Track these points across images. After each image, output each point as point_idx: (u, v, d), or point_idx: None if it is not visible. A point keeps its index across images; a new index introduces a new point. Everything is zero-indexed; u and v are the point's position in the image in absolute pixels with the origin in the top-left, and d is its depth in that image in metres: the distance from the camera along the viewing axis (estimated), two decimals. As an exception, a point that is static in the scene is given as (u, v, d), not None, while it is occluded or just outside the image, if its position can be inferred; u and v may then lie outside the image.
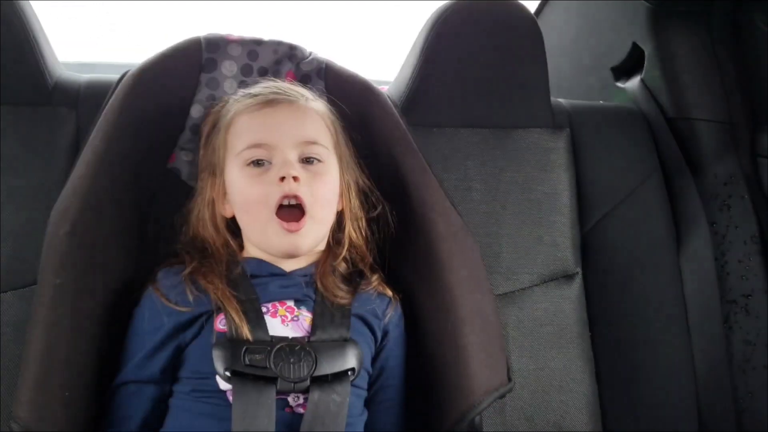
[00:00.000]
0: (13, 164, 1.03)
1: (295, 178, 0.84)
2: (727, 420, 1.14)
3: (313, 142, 0.87)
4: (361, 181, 0.93)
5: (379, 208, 0.92)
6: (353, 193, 0.92)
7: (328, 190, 0.87)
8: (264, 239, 0.87)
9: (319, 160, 0.87)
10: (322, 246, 0.91)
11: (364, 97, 0.97)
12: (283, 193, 0.83)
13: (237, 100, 0.91)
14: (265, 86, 0.91)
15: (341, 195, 0.91)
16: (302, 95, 0.90)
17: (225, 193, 0.89)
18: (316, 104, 0.91)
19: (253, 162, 0.86)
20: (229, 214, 0.90)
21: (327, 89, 0.98)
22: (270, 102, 0.88)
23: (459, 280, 0.88)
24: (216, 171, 0.90)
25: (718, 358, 1.15)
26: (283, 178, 0.83)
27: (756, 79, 1.21)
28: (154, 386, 0.82)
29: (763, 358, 1.16)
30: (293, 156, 0.85)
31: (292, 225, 0.84)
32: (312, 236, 0.86)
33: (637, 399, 1.13)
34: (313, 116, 0.89)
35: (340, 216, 0.92)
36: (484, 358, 0.85)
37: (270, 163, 0.85)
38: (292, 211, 0.84)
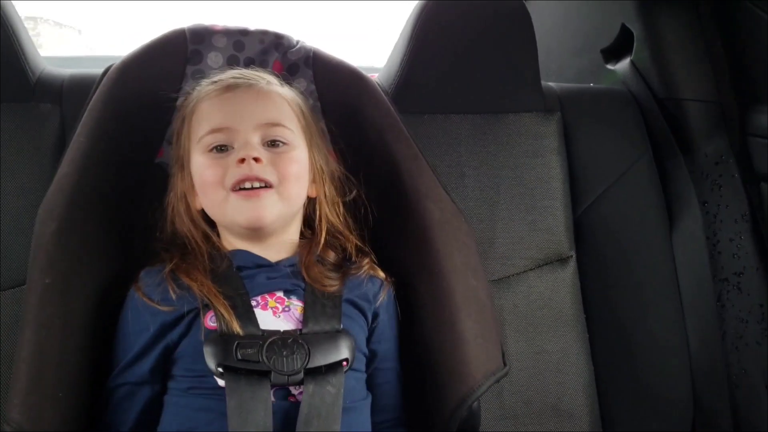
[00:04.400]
0: (-2, 162, 1.02)
1: (257, 159, 0.82)
2: (722, 397, 1.15)
3: (277, 124, 0.85)
4: (335, 168, 0.92)
5: (354, 193, 0.91)
6: (327, 178, 0.91)
7: (296, 167, 0.86)
8: (225, 217, 0.85)
9: (284, 143, 0.85)
10: (296, 235, 0.90)
11: (353, 85, 0.96)
12: (243, 175, 0.82)
13: (199, 89, 0.89)
14: (228, 73, 0.89)
15: (314, 180, 0.90)
16: (264, 79, 0.88)
17: (194, 185, 0.88)
18: (280, 89, 0.89)
19: (215, 148, 0.84)
20: (200, 206, 0.88)
21: (315, 78, 0.97)
22: (230, 87, 0.86)
23: (454, 267, 0.88)
24: (183, 163, 0.89)
25: (712, 336, 1.16)
26: (243, 160, 0.82)
27: (744, 58, 1.20)
28: (145, 387, 0.81)
29: (755, 335, 1.17)
30: (255, 139, 0.84)
31: (251, 192, 0.82)
32: (276, 209, 0.84)
33: (633, 379, 1.14)
34: (276, 99, 0.88)
35: (315, 204, 0.91)
36: (481, 343, 0.85)
37: (232, 148, 0.84)
38: (256, 191, 0.83)
